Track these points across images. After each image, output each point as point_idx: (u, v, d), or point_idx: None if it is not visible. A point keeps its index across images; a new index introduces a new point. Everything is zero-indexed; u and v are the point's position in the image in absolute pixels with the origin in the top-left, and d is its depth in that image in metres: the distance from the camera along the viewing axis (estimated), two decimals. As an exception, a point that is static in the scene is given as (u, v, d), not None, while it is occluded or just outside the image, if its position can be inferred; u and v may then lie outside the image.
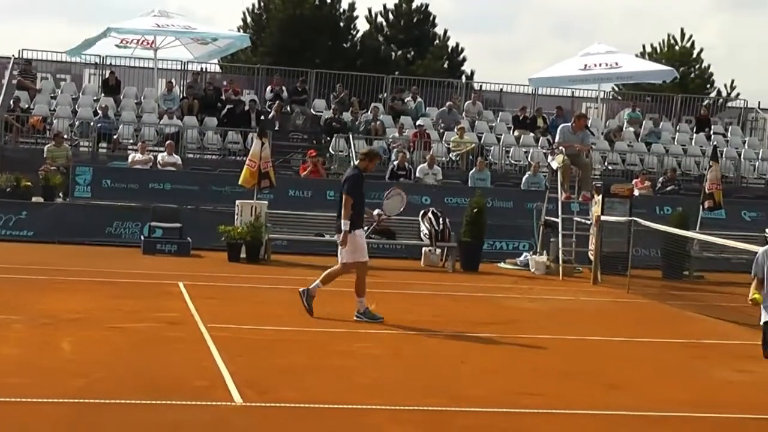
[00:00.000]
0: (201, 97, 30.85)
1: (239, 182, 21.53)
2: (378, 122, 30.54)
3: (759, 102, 38.84)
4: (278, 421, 8.41)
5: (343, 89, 33.05)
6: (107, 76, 31.80)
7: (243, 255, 20.76)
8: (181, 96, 31.18)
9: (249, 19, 50.22)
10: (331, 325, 13.51)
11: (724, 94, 51.58)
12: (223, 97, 31.17)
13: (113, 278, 17.00)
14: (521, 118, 32.93)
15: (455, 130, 30.61)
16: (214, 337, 11.77)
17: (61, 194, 24.47)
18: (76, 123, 29.32)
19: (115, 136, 28.51)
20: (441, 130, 31.27)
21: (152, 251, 21.18)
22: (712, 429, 9.06)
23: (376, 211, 16.29)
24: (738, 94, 50.85)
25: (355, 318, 13.90)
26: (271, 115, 29.98)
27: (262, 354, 11.23)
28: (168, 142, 26.70)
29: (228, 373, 9.88)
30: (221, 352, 10.92)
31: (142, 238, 21.85)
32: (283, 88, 32.42)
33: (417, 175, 26.93)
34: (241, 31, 45.18)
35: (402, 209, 21.83)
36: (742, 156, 33.29)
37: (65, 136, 27.27)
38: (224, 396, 9.03)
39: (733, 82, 54.07)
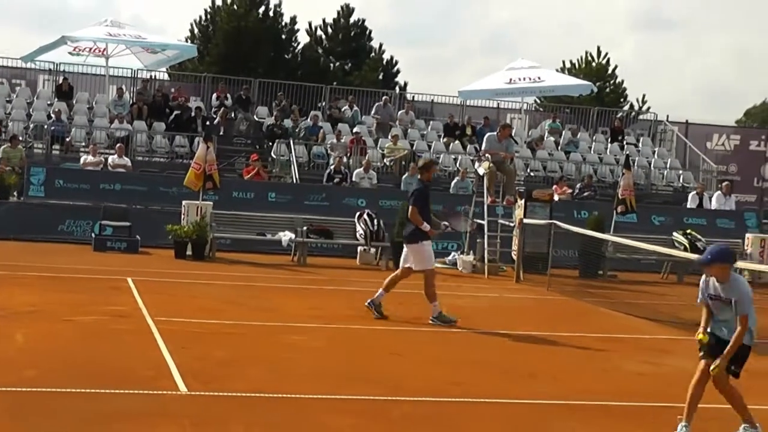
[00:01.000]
0: (150, 103, 30.58)
1: (184, 183, 21.37)
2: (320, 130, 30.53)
3: (667, 115, 39.36)
4: (221, 410, 8.29)
5: (284, 98, 32.95)
6: (60, 81, 31.35)
7: (189, 253, 20.59)
8: (131, 102, 30.85)
9: (196, 30, 49.99)
10: (271, 318, 13.41)
11: (636, 107, 52.19)
12: (171, 104, 30.91)
13: (65, 274, 16.74)
14: (451, 126, 33.04)
15: (389, 137, 30.62)
16: (160, 330, 11.61)
17: (15, 193, 24.12)
18: (31, 126, 28.92)
19: (67, 139, 28.11)
20: (375, 138, 31.27)
21: (103, 248, 20.93)
22: (622, 416, 9.09)
23: (443, 223, 16.35)
24: (649, 108, 51.47)
25: (430, 322, 13.85)
26: (216, 121, 29.81)
27: (206, 346, 11.09)
28: (118, 145, 26.47)
29: (173, 363, 9.75)
30: (167, 343, 10.77)
31: (93, 235, 21.57)
32: (228, 95, 32.26)
33: (353, 179, 26.87)
34: (189, 41, 44.82)
35: (467, 229, 21.84)
36: (652, 165, 33.69)
37: (20, 138, 26.85)
38: (169, 385, 8.91)
39: (644, 96, 54.73)
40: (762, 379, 11.32)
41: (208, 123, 29.12)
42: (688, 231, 23.55)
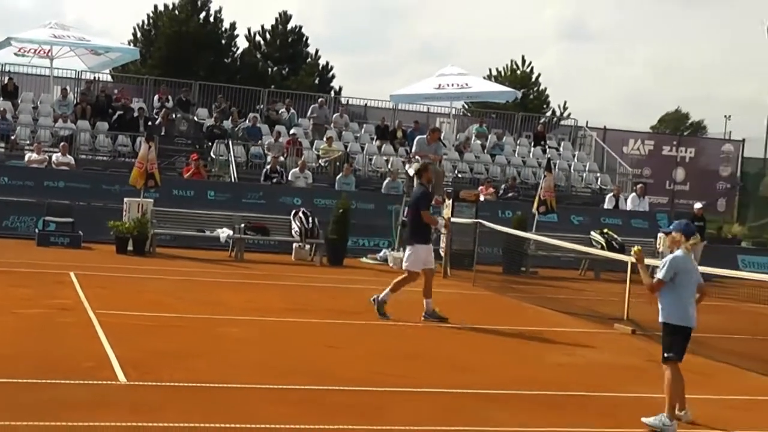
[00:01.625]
0: (93, 104, 30.18)
1: (129, 182, 21.21)
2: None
3: (587, 121, 39.78)
4: (159, 398, 8.24)
5: (224, 100, 32.77)
6: (6, 81, 30.81)
7: (130, 248, 20.37)
8: (75, 102, 30.41)
9: (139, 34, 49.59)
10: (209, 311, 13.33)
11: (557, 113, 52.74)
12: (114, 104, 30.59)
13: (9, 268, 16.47)
14: (383, 129, 33.09)
15: (324, 139, 30.59)
16: (101, 323, 11.49)
17: (-39, 190, 23.68)
18: (-24, 125, 28.43)
19: (12, 137, 27.65)
20: (311, 140, 31.23)
21: (46, 243, 20.62)
22: (543, 404, 9.19)
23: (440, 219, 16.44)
24: (569, 114, 52.07)
25: (422, 318, 13.95)
26: (158, 122, 29.51)
27: (146, 338, 11.00)
28: (62, 143, 26.10)
29: (114, 355, 9.66)
30: (108, 335, 10.67)
31: (37, 231, 21.21)
32: (169, 97, 31.99)
33: (290, 178, 26.79)
34: (132, 44, 44.37)
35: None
36: (572, 168, 34.01)
37: (-34, 137, 26.42)
38: (110, 376, 8.83)
39: (565, 103, 55.40)
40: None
41: (149, 123, 28.85)
42: (605, 230, 23.86)
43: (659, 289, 8.64)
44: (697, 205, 26.59)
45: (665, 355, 8.71)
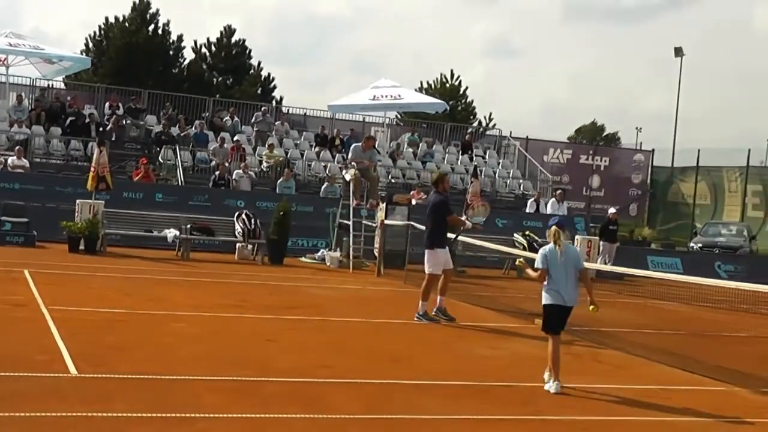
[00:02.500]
0: (47, 110, 29.77)
1: (87, 187, 20.96)
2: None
3: (511, 132, 40.15)
4: (108, 390, 8.14)
5: (171, 108, 32.50)
6: (-37, 88, 30.33)
7: (82, 247, 20.12)
8: (29, 108, 29.92)
9: (91, 44, 49.01)
10: (157, 307, 13.20)
11: (484, 124, 53.15)
12: (68, 111, 30.16)
13: (-36, 265, 16.17)
14: (321, 137, 33.06)
15: (266, 145, 30.46)
16: (54, 318, 11.32)
17: None
18: (-66, 129, 27.85)
19: (-31, 142, 27.19)
20: (254, 146, 31.08)
21: (1, 242, 20.29)
22: (468, 393, 9.23)
23: (463, 217, 16.34)
24: (495, 125, 52.63)
25: (415, 319, 13.90)
26: (109, 128, 29.17)
27: (97, 332, 10.85)
28: (17, 147, 25.67)
29: (66, 348, 9.51)
30: (60, 330, 10.51)
31: (-8, 230, 20.89)
32: (120, 104, 31.67)
33: (234, 178, 26.61)
34: (85, 54, 43.79)
35: (486, 216, 21.88)
36: (497, 174, 34.28)
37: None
38: (61, 368, 8.69)
39: (491, 114, 55.98)
40: (581, 359, 11.70)
41: (101, 129, 28.56)
42: (527, 232, 24.08)
43: (544, 277, 9.73)
44: (611, 210, 26.92)
45: (544, 329, 9.86)
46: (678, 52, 52.99)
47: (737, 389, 10.47)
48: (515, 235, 23.89)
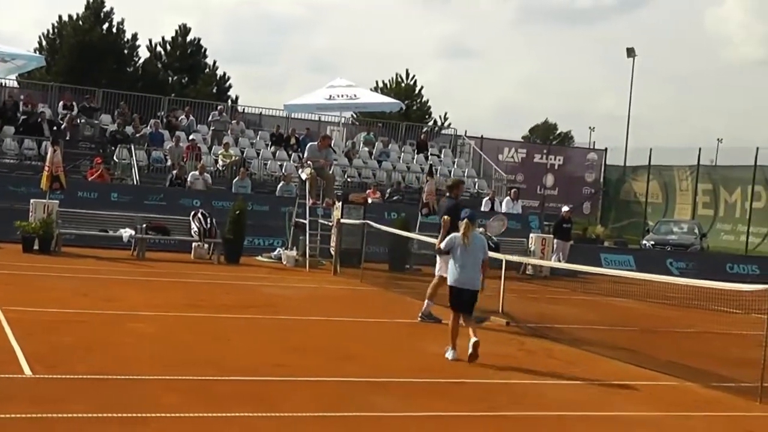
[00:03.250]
0: (0, 108, 29.39)
1: (41, 186, 20.71)
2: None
3: (465, 131, 40.39)
4: (63, 391, 8.07)
5: (126, 107, 32.26)
6: None
7: (36, 247, 19.88)
8: (-19, 107, 29.58)
9: (45, 43, 48.46)
10: (113, 307, 13.07)
11: (439, 123, 53.28)
12: (21, 109, 29.81)
13: None
14: (277, 136, 32.98)
15: (222, 145, 30.34)
16: (8, 318, 11.17)
17: None
18: None
19: None
20: (209, 145, 30.95)
21: (-47, 242, 20.00)
22: (423, 390, 9.28)
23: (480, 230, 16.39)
24: (450, 124, 52.76)
25: (418, 318, 13.97)
26: (63, 126, 28.88)
27: (52, 333, 10.74)
28: (-31, 147, 25.34)
29: (20, 349, 9.41)
30: (14, 331, 10.39)
31: (-56, 230, 20.56)
32: (74, 103, 31.35)
33: (189, 179, 26.45)
34: (38, 52, 43.27)
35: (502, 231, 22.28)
36: (452, 173, 34.32)
37: None
38: (16, 369, 8.60)
39: (446, 114, 56.09)
40: (535, 355, 11.79)
41: (55, 128, 28.21)
42: (482, 230, 24.15)
43: (438, 252, 12.11)
44: (565, 208, 27.16)
45: (449, 304, 11.28)
46: (630, 52, 53.58)
47: (688, 384, 10.63)
48: (471, 233, 23.94)
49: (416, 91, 55.57)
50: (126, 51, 49.73)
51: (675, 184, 43.03)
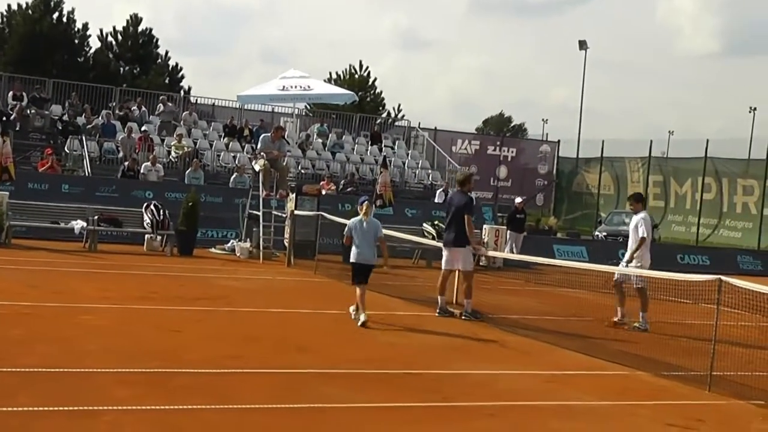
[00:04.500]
0: (-53, 99, 29.00)
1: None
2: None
3: (419, 123, 40.52)
4: (11, 384, 7.97)
5: (77, 97, 31.92)
6: None
7: (-15, 239, 19.63)
8: (-72, 97, 29.12)
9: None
10: (64, 300, 12.96)
11: (393, 115, 53.34)
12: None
13: None
14: (230, 128, 32.82)
15: (174, 135, 30.14)
16: (-45, 311, 11.04)
17: None
18: None
19: None
20: (162, 137, 30.72)
21: None
22: (376, 381, 9.31)
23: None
24: (403, 116, 52.91)
25: (463, 317, 14.05)
26: (12, 117, 28.52)
27: (1, 326, 10.61)
28: None
29: (-32, 342, 9.30)
30: (-39, 324, 10.26)
31: None
32: (24, 93, 30.95)
33: (142, 171, 26.25)
34: (-14, 43, 42.64)
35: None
36: (406, 165, 34.52)
37: None
38: (-36, 363, 8.49)
39: (399, 105, 56.33)
40: (489, 345, 11.88)
41: (4, 119, 27.86)
42: (436, 222, 24.23)
43: (350, 241, 13.18)
44: (518, 200, 27.34)
45: (352, 282, 13.19)
46: (582, 45, 54.02)
47: (639, 373, 10.77)
48: (424, 224, 24.05)
49: (370, 83, 55.57)
50: (77, 41, 49.20)
51: (627, 175, 43.51)
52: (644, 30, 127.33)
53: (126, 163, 26.20)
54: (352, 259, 13.17)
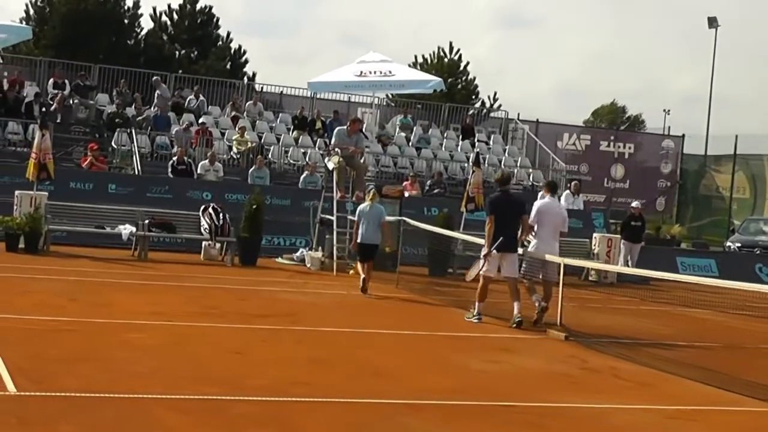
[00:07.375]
0: (-19, 88, 29.71)
1: (26, 175, 20.88)
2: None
3: (518, 113, 40.29)
4: (52, 409, 8.13)
5: (126, 85, 32.43)
6: None
7: (21, 245, 20.07)
8: (-40, 85, 29.89)
9: (32, 12, 48.70)
10: (108, 315, 13.18)
11: (487, 105, 53.14)
12: (5, 88, 30.05)
13: None
14: (300, 119, 33.07)
15: (236, 129, 30.46)
16: (-12, 327, 11.30)
17: None
18: None
19: None
20: (222, 130, 31.09)
21: (-73, 240, 20.24)
22: (465, 414, 9.26)
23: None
24: (500, 106, 52.57)
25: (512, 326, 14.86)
26: (53, 108, 29.10)
27: (38, 343, 10.82)
28: (-54, 131, 25.64)
29: (2, 362, 9.47)
30: (-5, 341, 10.50)
31: None
32: (66, 81, 31.55)
33: (198, 171, 26.60)
34: (24, 22, 43.59)
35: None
36: (502, 163, 34.31)
37: None
38: (-1, 385, 8.69)
39: (495, 94, 55.85)
40: (598, 375, 11.73)
41: (44, 110, 28.43)
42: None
43: (358, 226, 17.97)
44: (635, 204, 26.99)
45: (359, 260, 18.25)
46: (712, 22, 53.12)
47: (778, 409, 10.54)
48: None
49: (461, 68, 55.39)
50: (126, 21, 49.96)
51: (765, 175, 42.65)
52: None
53: (175, 158, 26.49)
54: (358, 240, 18.02)
